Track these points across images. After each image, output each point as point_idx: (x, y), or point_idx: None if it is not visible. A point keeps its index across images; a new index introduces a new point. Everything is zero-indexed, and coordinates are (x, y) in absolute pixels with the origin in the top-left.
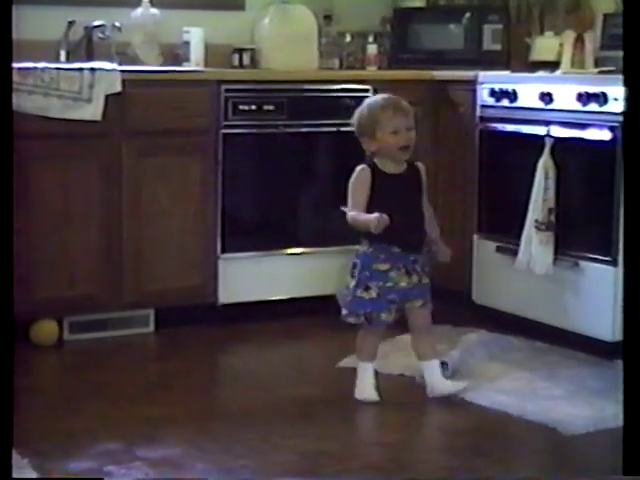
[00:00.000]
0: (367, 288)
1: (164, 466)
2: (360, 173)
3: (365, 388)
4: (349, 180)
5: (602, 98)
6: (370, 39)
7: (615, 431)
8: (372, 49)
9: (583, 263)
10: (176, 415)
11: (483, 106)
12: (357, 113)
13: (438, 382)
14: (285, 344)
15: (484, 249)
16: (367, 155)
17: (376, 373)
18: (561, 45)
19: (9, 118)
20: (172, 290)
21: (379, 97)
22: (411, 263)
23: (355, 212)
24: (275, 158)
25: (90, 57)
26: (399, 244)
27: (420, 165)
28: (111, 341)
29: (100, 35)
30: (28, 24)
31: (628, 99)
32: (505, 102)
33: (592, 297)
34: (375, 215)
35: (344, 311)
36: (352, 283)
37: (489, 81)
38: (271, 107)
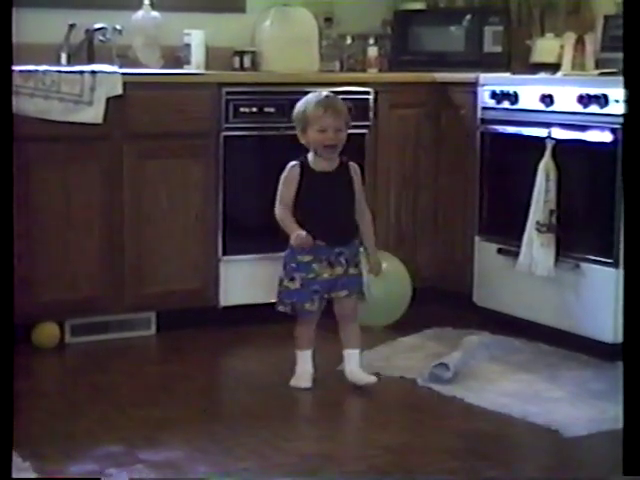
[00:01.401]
0: (292, 279)
1: (165, 468)
2: (289, 171)
3: (301, 376)
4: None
5: (603, 100)
6: (371, 41)
7: (617, 433)
8: (373, 51)
9: (584, 265)
10: (177, 417)
11: (484, 108)
12: (296, 106)
13: (354, 371)
14: (286, 346)
15: (485, 251)
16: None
17: (314, 361)
18: (562, 47)
19: (10, 121)
20: (173, 293)
21: (318, 94)
22: (335, 255)
23: (285, 213)
24: (276, 160)
25: (91, 60)
26: (323, 238)
27: (353, 165)
28: (112, 344)
29: (101, 38)
30: (29, 27)
31: (628, 101)
32: (506, 104)
33: (593, 299)
34: (300, 233)
35: (277, 300)
36: (282, 274)
37: (490, 83)
38: (272, 109)
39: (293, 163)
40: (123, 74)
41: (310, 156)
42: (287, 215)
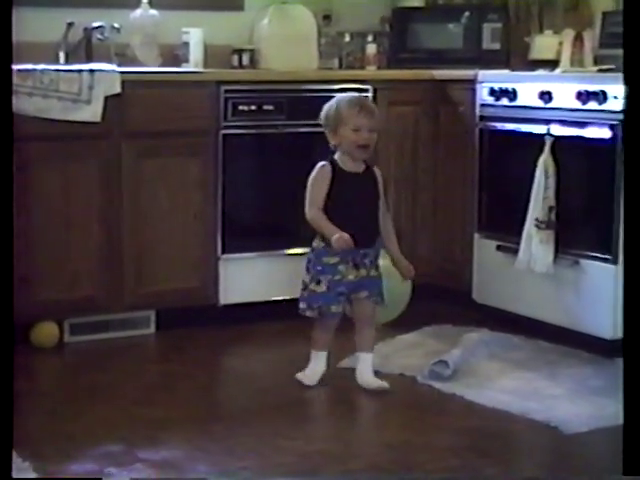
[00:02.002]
0: (318, 282)
1: (165, 468)
2: (321, 170)
3: (310, 375)
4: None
5: (601, 96)
6: (369, 39)
7: (616, 429)
8: (371, 49)
9: (583, 261)
10: (177, 417)
11: (483, 105)
12: (326, 106)
13: (366, 375)
14: (287, 345)
15: (484, 248)
16: (330, 151)
17: (328, 363)
18: (560, 44)
19: (9, 120)
20: (173, 291)
21: (350, 95)
22: (361, 257)
23: (319, 215)
24: (275, 158)
25: (89, 58)
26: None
27: (377, 170)
28: (112, 343)
29: (99, 36)
30: (27, 26)
31: (628, 97)
32: (505, 101)
33: (593, 295)
34: (343, 235)
35: (302, 305)
36: (307, 278)
37: (489, 80)
38: (271, 107)
39: (323, 163)
40: (121, 72)
41: (338, 157)
42: (322, 216)
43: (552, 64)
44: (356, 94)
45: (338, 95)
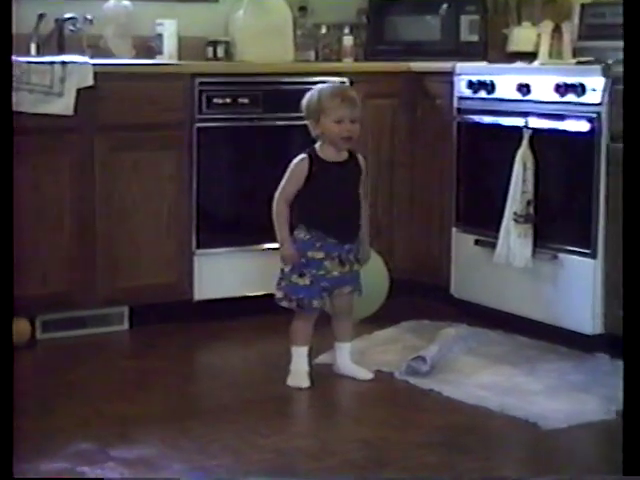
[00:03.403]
0: (302, 274)
1: (139, 466)
2: (298, 164)
3: (298, 374)
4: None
5: (580, 89)
6: (346, 31)
7: (597, 425)
8: (348, 41)
9: (562, 255)
10: (151, 414)
11: (460, 98)
12: (308, 95)
13: (349, 364)
14: (262, 341)
15: (462, 242)
16: (311, 141)
17: (310, 359)
18: (539, 36)
19: (9, 116)
20: (147, 287)
21: (331, 84)
22: (345, 253)
23: (283, 213)
24: (251, 152)
25: (61, 50)
26: (335, 235)
27: (361, 157)
28: (85, 339)
29: (71, 28)
30: None
31: (626, 92)
32: (483, 93)
33: (572, 290)
34: (291, 251)
35: (278, 294)
36: (287, 267)
37: (466, 72)
38: (246, 100)
39: (302, 156)
40: (94, 65)
41: (319, 146)
42: (284, 216)
43: (530, 56)
44: (337, 83)
45: (319, 84)
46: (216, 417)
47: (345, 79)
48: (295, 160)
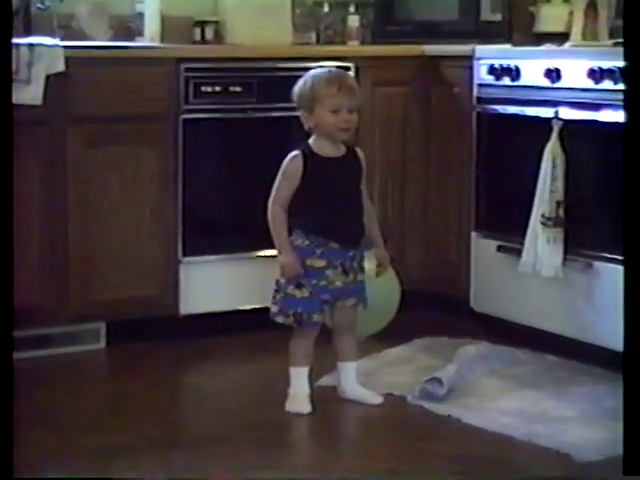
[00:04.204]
0: (299, 286)
1: None
2: (291, 162)
3: (298, 398)
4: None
5: (618, 74)
6: (351, 9)
7: None
8: (353, 21)
9: (597, 264)
10: (131, 445)
11: (481, 85)
12: (300, 82)
13: (355, 386)
14: (257, 360)
15: (483, 249)
16: (306, 134)
17: (311, 381)
18: (571, 14)
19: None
20: (126, 300)
21: (327, 70)
22: (349, 260)
23: (279, 218)
24: (243, 147)
25: (28, 31)
26: (337, 239)
27: (360, 151)
28: (56, 360)
29: (39, 6)
30: None
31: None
32: (506, 80)
33: (607, 302)
34: (292, 262)
35: (273, 308)
36: (284, 279)
37: (488, 56)
38: (238, 89)
39: (294, 153)
40: (65, 48)
41: (313, 141)
42: (282, 220)
43: (561, 37)
44: (333, 68)
45: (312, 70)
46: (204, 447)
47: (350, 64)
48: (287, 158)
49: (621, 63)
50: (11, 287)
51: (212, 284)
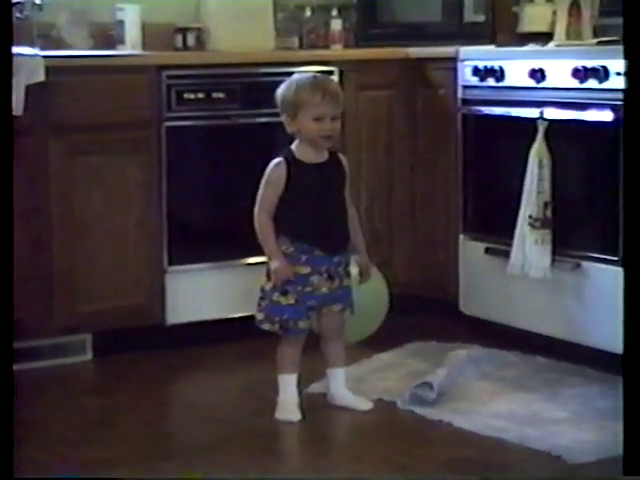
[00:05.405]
0: (285, 292)
1: None
2: (274, 169)
3: (287, 406)
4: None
5: (602, 73)
6: (334, 13)
7: None
8: (336, 24)
9: (586, 264)
10: (119, 457)
11: (465, 87)
12: (283, 86)
13: (344, 393)
14: (245, 369)
15: (471, 251)
16: (291, 139)
17: (299, 388)
18: (554, 13)
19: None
20: (112, 310)
21: (311, 75)
22: (335, 266)
23: (267, 226)
24: (228, 154)
25: None
26: (321, 246)
27: (343, 157)
28: (41, 373)
29: (18, 15)
30: None
31: (628, 73)
32: (491, 81)
33: (598, 303)
34: (282, 266)
35: (259, 316)
36: (269, 285)
37: (472, 57)
38: (221, 95)
39: (277, 161)
40: (45, 57)
41: (296, 146)
42: (269, 228)
43: (545, 37)
44: (317, 74)
45: (295, 75)
46: (194, 458)
47: (334, 68)
48: (270, 165)
49: (606, 62)
50: (11, 299)
51: (198, 293)
